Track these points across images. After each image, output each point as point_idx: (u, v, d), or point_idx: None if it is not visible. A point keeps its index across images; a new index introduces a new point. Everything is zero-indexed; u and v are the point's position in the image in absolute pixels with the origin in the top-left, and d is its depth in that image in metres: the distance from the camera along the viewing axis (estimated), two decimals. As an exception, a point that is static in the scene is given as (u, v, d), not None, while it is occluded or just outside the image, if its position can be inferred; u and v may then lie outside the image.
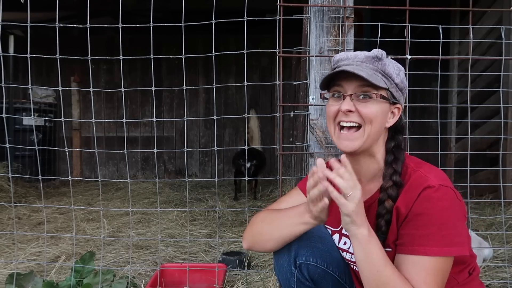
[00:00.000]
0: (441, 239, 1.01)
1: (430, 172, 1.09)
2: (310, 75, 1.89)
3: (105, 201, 4.25)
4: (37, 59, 2.00)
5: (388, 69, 1.13)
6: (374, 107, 1.11)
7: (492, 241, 2.60)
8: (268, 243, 1.24)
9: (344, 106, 1.11)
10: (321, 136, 1.86)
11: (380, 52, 1.14)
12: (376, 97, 1.10)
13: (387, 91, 1.13)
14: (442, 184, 1.04)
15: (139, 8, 5.09)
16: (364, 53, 1.14)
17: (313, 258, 1.20)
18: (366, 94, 1.11)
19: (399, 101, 1.16)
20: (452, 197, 1.05)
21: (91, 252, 2.08)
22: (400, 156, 1.15)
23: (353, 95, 1.11)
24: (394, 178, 1.10)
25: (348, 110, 1.10)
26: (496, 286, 2.06)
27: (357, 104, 1.11)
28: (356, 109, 1.11)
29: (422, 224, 1.03)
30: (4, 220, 3.47)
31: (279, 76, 1.88)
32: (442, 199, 1.03)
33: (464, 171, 2.08)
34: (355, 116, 1.11)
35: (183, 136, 6.32)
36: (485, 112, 3.93)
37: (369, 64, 1.13)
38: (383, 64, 1.13)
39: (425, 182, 1.05)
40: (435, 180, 1.05)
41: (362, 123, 1.11)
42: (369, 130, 1.11)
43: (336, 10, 1.85)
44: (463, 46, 4.46)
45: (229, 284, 2.12)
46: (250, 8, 1.88)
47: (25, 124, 5.51)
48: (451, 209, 1.03)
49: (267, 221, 1.25)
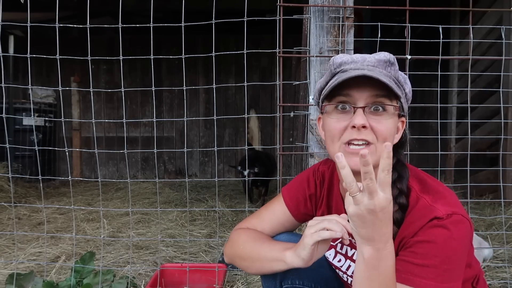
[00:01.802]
0: (442, 274, 0.88)
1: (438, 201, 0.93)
2: (310, 75, 1.89)
3: (105, 201, 4.25)
4: (37, 59, 2.00)
5: (399, 77, 0.98)
6: (389, 122, 0.94)
7: (492, 241, 2.59)
8: (247, 269, 1.15)
9: (358, 120, 0.91)
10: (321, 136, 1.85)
11: (392, 56, 0.98)
12: (394, 110, 0.94)
13: (398, 102, 0.96)
14: (450, 213, 0.90)
15: (139, 8, 5.08)
16: (374, 56, 0.97)
17: (299, 280, 1.13)
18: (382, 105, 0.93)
19: (405, 114, 1.01)
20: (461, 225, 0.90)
21: (91, 252, 2.08)
22: (404, 174, 0.99)
23: (366, 107, 0.93)
24: (400, 200, 0.95)
25: (363, 125, 0.91)
26: (496, 286, 2.06)
27: (369, 118, 0.93)
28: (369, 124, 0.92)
29: (424, 253, 0.89)
30: (4, 220, 3.47)
31: (279, 76, 1.88)
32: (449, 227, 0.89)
33: (464, 171, 2.08)
34: (368, 133, 0.92)
35: (183, 136, 6.32)
36: (485, 112, 3.93)
37: (382, 69, 0.95)
38: (396, 70, 0.97)
39: (432, 213, 0.91)
40: (443, 209, 0.90)
41: (374, 141, 0.93)
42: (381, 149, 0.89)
43: (336, 10, 1.85)
44: (463, 46, 4.46)
45: (229, 284, 2.12)
46: (250, 8, 1.88)
47: (25, 124, 5.51)
48: (459, 239, 0.90)
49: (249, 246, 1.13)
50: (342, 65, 0.98)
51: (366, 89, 0.92)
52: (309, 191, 1.20)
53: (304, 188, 1.21)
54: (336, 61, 0.99)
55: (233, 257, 1.18)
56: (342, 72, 0.96)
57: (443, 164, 4.48)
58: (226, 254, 1.20)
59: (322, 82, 1.03)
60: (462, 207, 0.96)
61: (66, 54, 1.93)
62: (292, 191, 1.24)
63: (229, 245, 1.20)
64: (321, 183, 1.20)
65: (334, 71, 0.99)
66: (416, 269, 0.88)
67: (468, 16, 2.00)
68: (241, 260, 1.15)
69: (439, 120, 2.09)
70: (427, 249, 0.89)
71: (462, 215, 0.91)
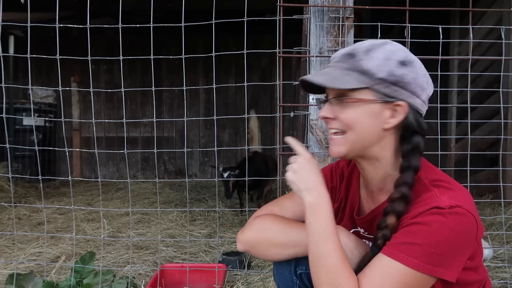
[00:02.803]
0: (428, 256, 0.88)
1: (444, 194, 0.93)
2: (310, 75, 1.89)
3: (105, 201, 4.25)
4: (37, 59, 2.00)
5: (367, 64, 0.97)
6: (353, 111, 0.98)
7: (492, 241, 2.60)
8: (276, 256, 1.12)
9: (321, 112, 1.03)
10: (321, 136, 1.86)
11: (356, 48, 1.00)
12: (355, 101, 0.98)
13: (370, 90, 0.97)
14: (453, 205, 0.89)
15: (139, 9, 5.08)
16: (342, 51, 1.02)
17: None
18: (342, 98, 0.99)
19: (396, 97, 0.97)
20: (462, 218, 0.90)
21: (91, 252, 2.08)
22: (413, 163, 0.97)
23: (333, 98, 1.01)
24: (403, 190, 0.95)
25: (324, 117, 1.02)
26: (496, 286, 2.06)
27: (337, 109, 1.00)
28: (335, 115, 1.00)
29: (414, 231, 0.90)
30: (4, 221, 3.47)
31: (279, 76, 1.88)
32: (448, 218, 0.89)
33: (464, 171, 2.08)
34: (336, 123, 1.01)
35: (183, 136, 6.32)
36: (485, 112, 3.93)
37: (343, 63, 1.00)
38: (358, 60, 0.98)
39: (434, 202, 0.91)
40: (447, 201, 0.90)
41: (345, 129, 1.00)
42: (353, 137, 0.99)
43: (336, 10, 1.85)
44: (463, 46, 4.46)
45: (229, 284, 2.12)
46: (250, 8, 1.88)
47: (25, 124, 5.51)
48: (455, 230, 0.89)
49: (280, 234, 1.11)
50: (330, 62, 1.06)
51: None
52: (332, 184, 1.22)
53: (327, 181, 1.21)
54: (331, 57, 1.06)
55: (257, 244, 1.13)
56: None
57: (443, 164, 4.48)
58: (245, 241, 1.15)
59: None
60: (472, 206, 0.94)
61: (66, 54, 1.93)
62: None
63: (252, 231, 1.15)
64: (340, 177, 1.22)
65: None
66: (404, 246, 0.89)
67: (468, 16, 2.00)
68: (270, 246, 1.11)
69: (439, 120, 2.09)
70: (419, 230, 0.89)
71: (467, 210, 0.90)
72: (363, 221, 1.12)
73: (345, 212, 1.20)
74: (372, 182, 1.08)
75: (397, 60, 0.97)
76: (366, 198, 1.14)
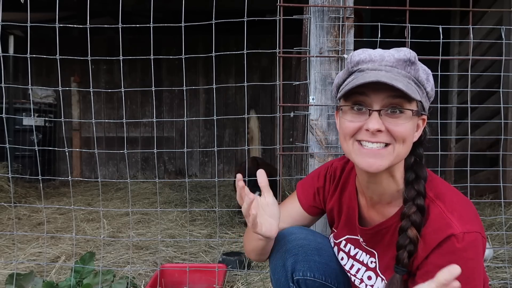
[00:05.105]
0: None
1: (453, 211, 0.94)
2: (310, 76, 1.89)
3: (105, 202, 4.25)
4: (37, 59, 2.00)
5: (421, 75, 0.94)
6: (407, 124, 0.92)
7: (492, 242, 2.60)
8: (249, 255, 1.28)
9: (372, 125, 0.90)
10: (321, 136, 1.85)
11: (413, 54, 0.93)
12: (412, 114, 0.92)
13: (418, 103, 0.94)
14: (466, 231, 0.91)
15: (139, 8, 5.09)
16: (393, 55, 0.93)
17: (310, 272, 1.14)
18: (398, 108, 0.91)
19: (426, 112, 0.98)
20: (477, 244, 0.92)
21: (91, 252, 2.08)
22: (422, 174, 0.98)
23: (382, 110, 0.91)
24: (418, 202, 0.94)
25: (378, 130, 0.91)
26: (496, 286, 2.05)
27: (385, 120, 0.91)
28: (385, 127, 0.91)
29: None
30: (4, 221, 3.47)
31: (279, 77, 1.88)
32: (467, 249, 0.91)
33: (464, 171, 2.08)
34: (384, 135, 0.92)
35: (183, 136, 6.32)
36: (485, 112, 3.93)
37: (401, 69, 0.92)
38: (416, 69, 0.93)
39: (448, 228, 0.92)
40: (459, 226, 0.91)
41: (392, 142, 0.93)
42: (400, 150, 0.93)
43: (336, 10, 1.85)
44: (463, 47, 4.46)
45: (229, 284, 2.12)
46: (250, 8, 1.88)
47: (25, 124, 5.50)
48: (476, 258, 0.92)
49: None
50: (359, 64, 0.95)
51: (383, 90, 0.90)
52: (318, 184, 1.23)
53: (315, 181, 1.24)
54: (354, 59, 0.96)
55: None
56: (359, 72, 0.94)
57: (443, 164, 4.48)
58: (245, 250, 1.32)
59: (340, 78, 1.01)
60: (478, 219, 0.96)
61: (66, 54, 1.93)
62: (305, 185, 1.28)
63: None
64: (331, 178, 1.21)
65: (351, 70, 0.97)
66: None
67: (468, 16, 2.00)
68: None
69: (439, 120, 2.09)
70: None
71: (476, 232, 0.92)
72: (366, 232, 1.10)
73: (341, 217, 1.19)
74: (382, 197, 1.04)
75: (432, 76, 0.97)
76: (367, 208, 1.12)
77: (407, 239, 0.94)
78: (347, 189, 1.17)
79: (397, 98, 0.90)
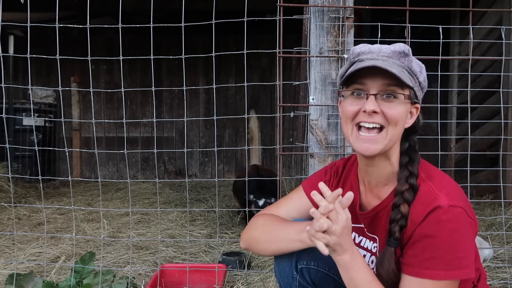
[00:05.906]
0: (449, 263, 0.97)
1: (441, 189, 1.02)
2: (310, 76, 1.89)
3: (105, 202, 4.25)
4: (37, 59, 2.01)
5: (414, 66, 1.06)
6: (400, 108, 1.04)
7: (492, 242, 2.59)
8: (264, 252, 1.26)
9: (369, 106, 1.02)
10: (321, 136, 1.85)
11: (407, 47, 1.06)
12: (404, 98, 1.03)
13: (411, 90, 1.05)
14: (452, 205, 0.98)
15: (139, 8, 5.08)
16: (389, 47, 1.06)
17: (314, 262, 1.19)
18: (393, 93, 1.03)
19: (419, 101, 1.09)
20: (462, 218, 0.99)
21: (91, 252, 2.08)
22: (415, 158, 1.09)
23: (378, 94, 1.03)
24: (411, 180, 1.04)
25: (373, 111, 1.02)
26: (496, 286, 2.05)
27: (381, 104, 1.03)
28: (380, 110, 1.03)
29: (429, 246, 0.99)
30: (4, 221, 3.47)
31: (279, 77, 1.88)
32: (452, 221, 0.98)
33: (464, 171, 2.08)
34: (379, 117, 1.03)
35: (183, 136, 6.32)
36: (485, 112, 3.93)
37: (396, 60, 1.04)
38: (410, 60, 1.05)
39: (434, 201, 1.00)
40: (445, 200, 0.99)
41: (385, 125, 1.04)
42: (392, 132, 1.04)
43: (336, 10, 1.85)
44: (463, 46, 4.46)
45: (229, 284, 2.12)
46: (250, 8, 1.88)
47: (25, 124, 5.50)
48: (461, 231, 0.98)
49: (267, 230, 1.23)
50: (360, 55, 1.07)
51: (379, 78, 1.02)
52: (324, 178, 1.30)
53: (322, 176, 1.32)
54: (355, 51, 1.08)
55: (249, 241, 1.27)
56: (359, 62, 1.06)
57: (443, 164, 4.48)
58: (243, 239, 1.29)
59: (342, 70, 1.11)
60: (466, 201, 1.03)
61: (66, 54, 1.93)
62: (311, 179, 1.35)
63: (248, 228, 1.29)
64: (335, 173, 1.30)
65: (352, 60, 1.08)
66: (425, 262, 0.99)
67: (468, 16, 2.00)
68: (258, 243, 1.24)
69: (439, 120, 2.09)
70: (431, 243, 0.98)
71: (462, 208, 0.99)
72: (365, 216, 1.16)
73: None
74: (379, 179, 1.13)
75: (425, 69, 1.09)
76: (365, 194, 1.19)
77: (399, 214, 1.03)
78: (349, 179, 1.24)
79: (391, 86, 1.03)
